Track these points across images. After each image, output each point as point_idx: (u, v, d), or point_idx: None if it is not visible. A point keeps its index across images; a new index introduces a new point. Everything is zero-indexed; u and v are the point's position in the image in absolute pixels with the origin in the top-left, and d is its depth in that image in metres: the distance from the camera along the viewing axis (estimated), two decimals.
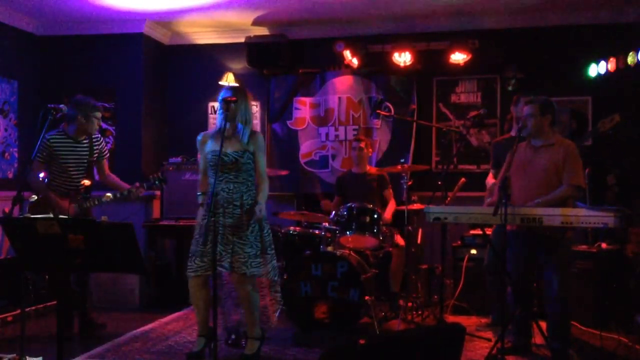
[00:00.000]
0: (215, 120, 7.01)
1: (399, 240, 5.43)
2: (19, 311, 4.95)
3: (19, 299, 5.07)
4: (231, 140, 3.97)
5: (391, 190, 5.81)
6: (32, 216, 2.98)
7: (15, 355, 3.92)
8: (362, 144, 5.78)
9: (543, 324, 4.16)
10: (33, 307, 5.39)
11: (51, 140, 4.64)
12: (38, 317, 5.37)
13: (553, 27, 6.31)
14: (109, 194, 4.60)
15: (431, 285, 5.70)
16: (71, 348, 4.32)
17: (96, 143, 4.84)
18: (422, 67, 6.42)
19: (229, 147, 3.94)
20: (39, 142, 4.52)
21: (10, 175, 6.38)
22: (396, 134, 6.59)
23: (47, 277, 5.64)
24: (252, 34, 6.71)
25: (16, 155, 6.46)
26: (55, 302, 5.34)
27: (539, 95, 4.33)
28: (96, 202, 4.63)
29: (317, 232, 5.21)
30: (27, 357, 3.76)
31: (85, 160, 4.77)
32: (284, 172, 6.20)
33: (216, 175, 3.80)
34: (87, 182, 4.72)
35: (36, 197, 4.54)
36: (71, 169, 4.71)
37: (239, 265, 3.89)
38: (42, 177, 4.75)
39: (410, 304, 5.20)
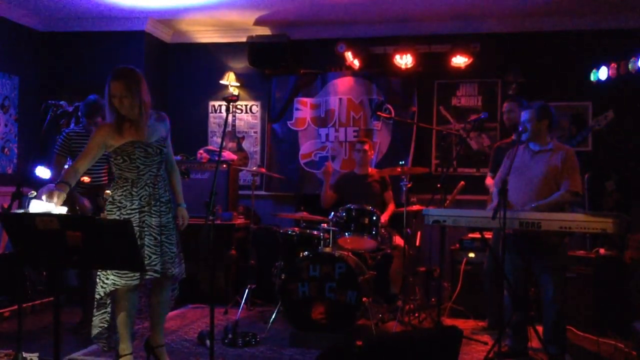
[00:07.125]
0: (215, 119, 7.10)
1: (399, 241, 5.44)
2: (16, 307, 4.95)
3: (17, 294, 5.07)
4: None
5: (391, 193, 5.85)
6: (31, 212, 2.97)
7: (11, 350, 3.92)
8: (366, 146, 5.82)
9: (540, 329, 4.16)
10: (30, 303, 5.40)
11: (70, 135, 4.65)
12: (35, 313, 5.37)
13: (554, 32, 6.32)
14: (108, 191, 4.59)
15: (429, 288, 5.70)
16: (68, 344, 4.31)
17: None
18: (423, 69, 6.44)
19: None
20: (60, 137, 4.56)
21: (10, 171, 6.38)
22: (396, 136, 6.59)
23: (44, 273, 5.65)
24: (254, 34, 6.72)
25: (16, 150, 6.46)
26: (52, 298, 5.34)
27: (528, 99, 4.31)
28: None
29: (315, 233, 5.21)
30: (23, 353, 3.75)
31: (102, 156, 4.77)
32: (278, 176, 6.39)
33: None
34: (86, 178, 4.71)
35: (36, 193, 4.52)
36: None
37: (168, 266, 3.61)
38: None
39: (407, 307, 5.19)
